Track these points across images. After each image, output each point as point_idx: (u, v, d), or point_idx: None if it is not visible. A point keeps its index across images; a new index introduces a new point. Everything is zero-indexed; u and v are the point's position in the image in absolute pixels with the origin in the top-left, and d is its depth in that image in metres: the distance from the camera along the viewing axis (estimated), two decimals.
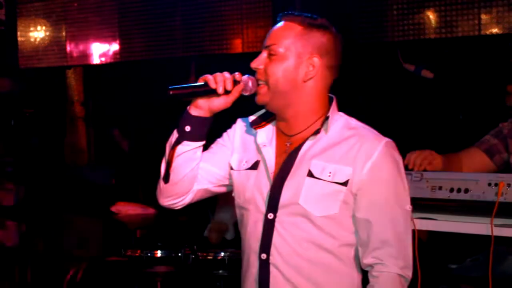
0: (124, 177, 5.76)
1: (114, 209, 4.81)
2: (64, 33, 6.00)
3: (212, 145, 2.20)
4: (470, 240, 3.39)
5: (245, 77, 2.06)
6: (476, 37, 4.46)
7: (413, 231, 2.48)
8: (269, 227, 2.03)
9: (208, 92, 2.01)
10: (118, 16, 5.75)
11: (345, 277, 2.05)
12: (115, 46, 5.73)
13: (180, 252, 3.76)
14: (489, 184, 2.40)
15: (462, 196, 2.45)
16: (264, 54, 2.06)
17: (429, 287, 2.75)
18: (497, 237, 2.44)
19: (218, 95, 2.02)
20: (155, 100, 5.13)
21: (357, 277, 2.07)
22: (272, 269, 2.02)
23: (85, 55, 5.88)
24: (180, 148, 2.07)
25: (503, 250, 2.97)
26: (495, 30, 4.40)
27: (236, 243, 3.78)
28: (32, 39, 6.11)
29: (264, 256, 2.03)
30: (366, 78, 4.73)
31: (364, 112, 2.18)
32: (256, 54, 2.11)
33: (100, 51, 5.79)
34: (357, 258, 2.06)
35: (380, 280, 2.00)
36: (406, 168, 2.60)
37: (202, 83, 2.03)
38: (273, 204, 2.03)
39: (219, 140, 2.22)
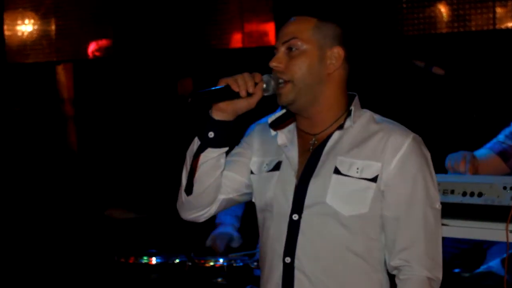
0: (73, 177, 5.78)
1: (107, 213, 4.81)
2: (53, 27, 6.01)
3: (232, 153, 2.19)
4: (484, 246, 3.40)
5: (265, 76, 2.06)
6: (491, 31, 4.47)
7: None
8: (293, 228, 2.02)
9: (231, 96, 2.01)
10: (110, 9, 5.76)
11: (374, 281, 2.04)
12: (106, 41, 5.74)
13: (176, 259, 3.76)
14: (504, 188, 2.40)
15: (475, 200, 2.45)
16: (282, 51, 2.06)
17: None
18: (511, 244, 2.44)
19: (241, 97, 2.03)
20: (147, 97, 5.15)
21: (386, 281, 2.06)
22: (297, 273, 2.01)
23: (76, 50, 5.89)
24: (204, 156, 2.06)
25: None
26: (511, 24, 4.41)
27: (239, 250, 3.80)
28: (19, 33, 6.13)
29: (288, 259, 2.02)
30: (376, 73, 4.75)
31: (374, 109, 2.18)
32: (256, 49, 2.12)
33: (91, 46, 5.80)
34: (384, 262, 2.05)
35: (408, 283, 1.99)
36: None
37: (223, 86, 2.02)
38: (298, 204, 2.03)
39: (238, 147, 2.22)
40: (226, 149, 2.10)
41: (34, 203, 5.77)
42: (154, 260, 3.81)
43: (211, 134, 2.05)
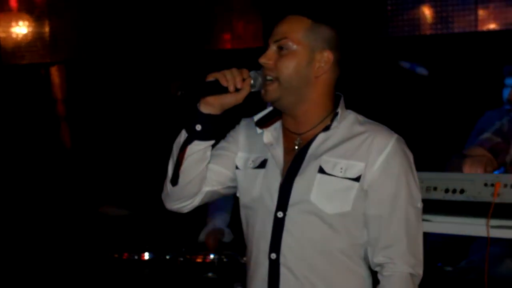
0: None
1: (102, 210, 4.81)
2: (47, 29, 5.99)
3: (218, 146, 2.17)
4: (466, 241, 3.43)
5: (253, 72, 2.04)
6: (473, 33, 4.49)
7: None
8: (278, 226, 2.00)
9: (219, 90, 2.00)
10: (103, 10, 5.75)
11: (357, 276, 2.03)
12: (99, 43, 5.73)
13: (168, 255, 3.77)
14: (485, 185, 2.41)
15: (457, 196, 2.45)
16: (273, 49, 2.03)
17: None
18: (493, 238, 2.46)
19: (229, 92, 2.01)
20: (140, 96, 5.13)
21: (368, 278, 2.06)
22: (282, 269, 2.00)
23: (69, 51, 5.87)
24: (190, 148, 2.05)
25: (500, 252, 3.00)
26: (492, 26, 4.43)
27: (230, 245, 3.80)
28: (14, 35, 6.10)
29: (274, 256, 2.01)
30: (360, 74, 4.76)
31: (358, 110, 2.18)
32: (244, 50, 2.11)
33: (86, 47, 5.79)
34: (366, 258, 2.04)
35: (391, 280, 1.98)
36: (417, 164, 2.62)
37: (212, 80, 2.00)
38: (283, 202, 2.01)
39: (223, 141, 2.20)
40: (213, 142, 2.09)
41: (30, 201, 5.76)
42: (146, 256, 3.82)
43: (198, 127, 2.03)
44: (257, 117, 2.14)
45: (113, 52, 5.79)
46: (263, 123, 2.12)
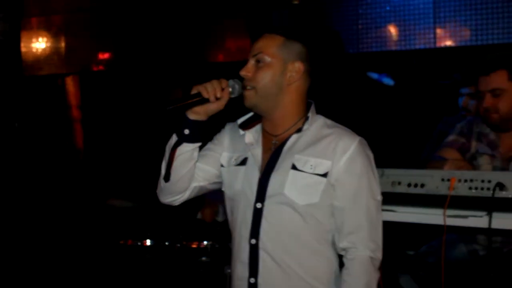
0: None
1: (109, 202, 4.77)
2: (63, 44, 5.96)
3: (205, 147, 2.20)
4: (426, 229, 3.41)
5: (231, 81, 2.07)
6: (432, 49, 4.49)
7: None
8: (257, 215, 2.04)
9: (202, 101, 2.03)
10: (112, 28, 5.72)
11: (325, 258, 2.06)
12: (109, 55, 5.70)
13: (167, 241, 3.74)
14: (442, 180, 2.40)
15: (418, 190, 2.44)
16: (251, 62, 2.07)
17: (389, 272, 2.76)
18: (449, 226, 2.44)
19: (211, 102, 2.04)
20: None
21: (334, 259, 2.09)
22: (261, 252, 2.03)
23: (82, 63, 5.84)
24: (180, 150, 2.07)
25: (455, 238, 2.99)
26: (448, 43, 4.43)
27: (223, 225, 3.78)
28: (34, 50, 6.06)
29: (253, 241, 2.04)
30: (334, 84, 4.75)
31: (332, 115, 2.17)
32: (234, 63, 2.11)
33: (96, 60, 5.75)
34: (333, 243, 2.07)
35: (354, 262, 2.02)
36: (384, 163, 2.61)
37: (196, 92, 2.03)
38: (261, 194, 2.04)
39: (210, 143, 2.22)
40: (199, 144, 2.11)
41: (47, 194, 5.71)
42: (148, 242, 3.79)
43: (186, 131, 2.06)
44: (240, 120, 2.18)
45: (121, 63, 5.76)
46: (246, 126, 2.15)
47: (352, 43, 4.68)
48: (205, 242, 3.68)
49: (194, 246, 3.69)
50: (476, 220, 2.35)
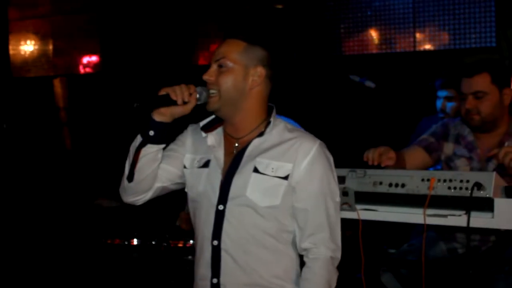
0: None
1: (97, 202, 4.74)
2: (51, 47, 5.92)
3: (168, 148, 2.16)
4: (407, 228, 3.42)
5: (199, 88, 2.05)
6: (412, 52, 4.51)
7: (357, 220, 2.49)
8: (220, 217, 2.02)
9: (169, 103, 2.01)
10: (99, 31, 5.69)
11: (286, 257, 2.06)
12: (96, 58, 5.67)
13: (153, 241, 3.72)
14: (422, 180, 2.40)
15: (399, 190, 2.44)
16: (214, 67, 2.05)
17: (371, 269, 2.76)
18: (429, 225, 2.45)
19: (177, 104, 2.02)
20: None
21: (295, 258, 2.08)
22: (223, 253, 2.02)
23: (69, 66, 5.80)
24: (144, 151, 2.04)
25: (434, 236, 3.00)
26: (428, 47, 4.45)
27: None
28: (22, 52, 6.02)
29: (216, 242, 2.02)
30: (317, 86, 4.75)
31: (316, 116, 2.17)
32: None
33: (83, 62, 5.72)
34: (294, 243, 2.07)
35: (315, 261, 2.02)
36: (366, 164, 2.61)
37: (164, 94, 2.01)
38: (223, 196, 2.03)
39: (173, 144, 2.19)
40: (164, 145, 2.09)
41: (35, 194, 5.66)
42: (135, 242, 3.77)
43: (151, 133, 2.03)
44: (202, 123, 2.15)
45: (108, 66, 5.73)
46: (207, 128, 2.13)
47: (334, 46, 4.69)
48: (191, 241, 3.67)
49: (180, 245, 3.67)
50: (455, 219, 2.35)
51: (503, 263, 2.66)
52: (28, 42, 6.00)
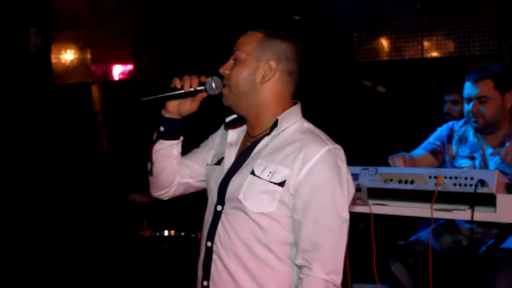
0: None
1: (131, 198, 4.79)
2: (89, 56, 5.98)
3: (200, 145, 2.05)
4: (414, 221, 3.42)
5: (209, 78, 1.88)
6: (420, 59, 4.49)
7: (369, 214, 2.50)
8: (216, 217, 1.79)
9: (175, 92, 1.86)
10: (133, 42, 5.75)
11: (280, 273, 1.73)
12: (130, 67, 5.72)
13: (182, 232, 3.76)
14: (430, 177, 2.42)
15: (408, 186, 2.46)
16: (230, 60, 1.85)
17: (382, 259, 2.77)
18: (436, 219, 2.45)
19: (185, 96, 1.86)
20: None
21: (293, 278, 1.74)
22: (214, 256, 1.78)
23: (106, 73, 5.86)
24: (156, 146, 1.93)
25: (440, 229, 3.00)
26: (435, 54, 4.43)
27: None
28: (63, 61, 6.09)
29: (209, 244, 1.79)
30: (331, 91, 4.76)
31: (329, 119, 2.17)
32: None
33: (118, 70, 5.78)
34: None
35: (304, 282, 1.67)
36: (378, 162, 2.63)
37: (173, 86, 1.89)
38: (221, 197, 1.80)
39: (205, 140, 2.05)
40: (176, 141, 1.94)
41: (76, 192, 5.74)
42: (166, 233, 3.81)
43: (162, 129, 1.93)
44: (228, 119, 1.95)
45: (141, 73, 5.77)
46: (233, 124, 1.92)
47: (348, 53, 4.68)
48: None
49: None
50: (460, 213, 2.36)
51: (504, 254, 2.66)
52: (69, 51, 6.07)
